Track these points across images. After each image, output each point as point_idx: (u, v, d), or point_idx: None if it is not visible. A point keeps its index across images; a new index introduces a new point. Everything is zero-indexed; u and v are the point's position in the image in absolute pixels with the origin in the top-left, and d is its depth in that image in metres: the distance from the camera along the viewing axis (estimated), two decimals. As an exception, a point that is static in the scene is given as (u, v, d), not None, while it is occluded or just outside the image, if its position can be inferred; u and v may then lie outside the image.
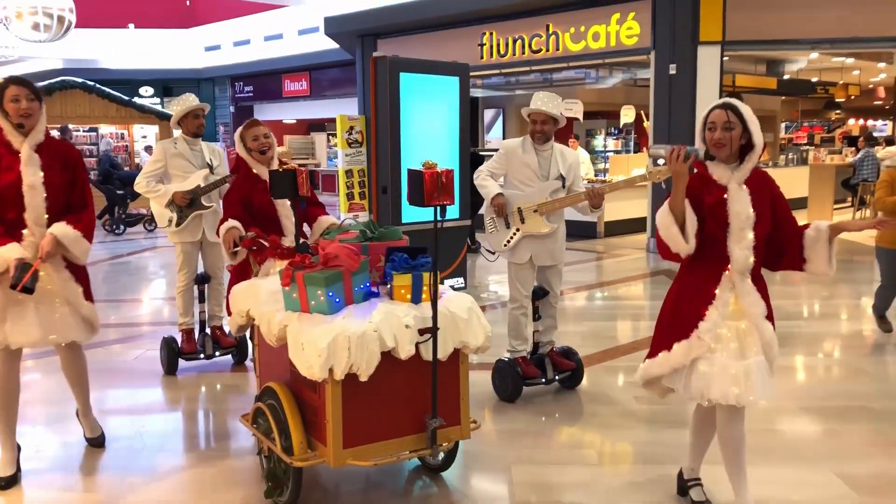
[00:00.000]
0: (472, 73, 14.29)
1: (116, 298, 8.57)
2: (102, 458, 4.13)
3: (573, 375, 5.12)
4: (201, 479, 3.88)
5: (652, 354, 3.29)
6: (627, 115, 14.93)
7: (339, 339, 3.07)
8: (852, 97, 20.53)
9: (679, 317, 3.20)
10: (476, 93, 16.92)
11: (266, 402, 3.53)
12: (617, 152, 16.39)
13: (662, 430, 4.44)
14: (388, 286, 3.45)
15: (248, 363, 5.70)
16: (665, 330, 3.27)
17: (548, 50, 12.56)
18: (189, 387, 5.37)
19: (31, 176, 3.65)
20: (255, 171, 4.73)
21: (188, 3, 24.21)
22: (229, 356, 5.79)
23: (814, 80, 19.12)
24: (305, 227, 4.72)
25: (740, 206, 3.10)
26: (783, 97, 20.41)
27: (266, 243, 4.14)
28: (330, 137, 22.35)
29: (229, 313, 4.46)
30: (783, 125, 22.34)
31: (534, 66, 13.07)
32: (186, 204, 5.41)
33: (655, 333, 3.35)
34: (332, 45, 16.99)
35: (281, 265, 3.96)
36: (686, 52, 10.82)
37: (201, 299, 5.66)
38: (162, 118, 16.11)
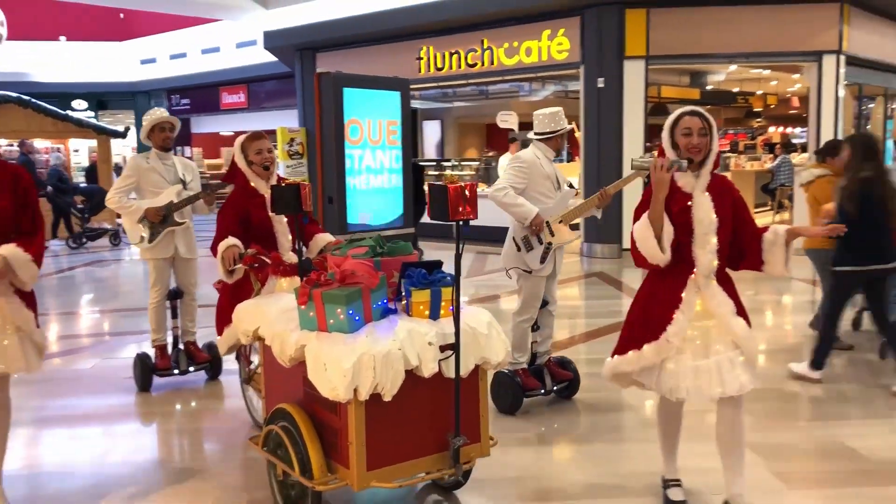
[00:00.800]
0: (410, 87, 14.72)
1: (64, 311, 8.66)
2: (77, 472, 4.14)
3: (570, 385, 5.15)
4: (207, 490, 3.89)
5: (621, 351, 3.42)
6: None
7: (363, 359, 2.99)
8: (771, 106, 21.65)
9: (649, 319, 3.32)
10: (415, 104, 17.34)
11: (279, 425, 3.41)
12: (571, 160, 16.97)
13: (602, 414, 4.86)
14: (405, 302, 3.36)
15: (222, 378, 5.76)
16: (635, 330, 3.38)
17: (483, 64, 13.05)
18: (163, 403, 5.36)
19: None
20: (252, 184, 4.52)
21: (122, 16, 23.98)
22: (203, 372, 5.75)
23: (735, 90, 20.14)
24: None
25: (703, 213, 3.24)
26: (707, 107, 21.40)
27: (268, 260, 4.08)
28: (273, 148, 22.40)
29: (219, 332, 4.49)
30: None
31: (470, 79, 13.56)
32: (159, 220, 5.36)
33: (624, 332, 3.47)
34: (270, 57, 17.18)
35: (283, 283, 4.00)
36: (613, 67, 11.44)
37: (174, 315, 5.62)
38: (100, 132, 16.01)
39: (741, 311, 3.30)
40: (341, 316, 3.13)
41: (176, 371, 5.58)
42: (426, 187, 3.28)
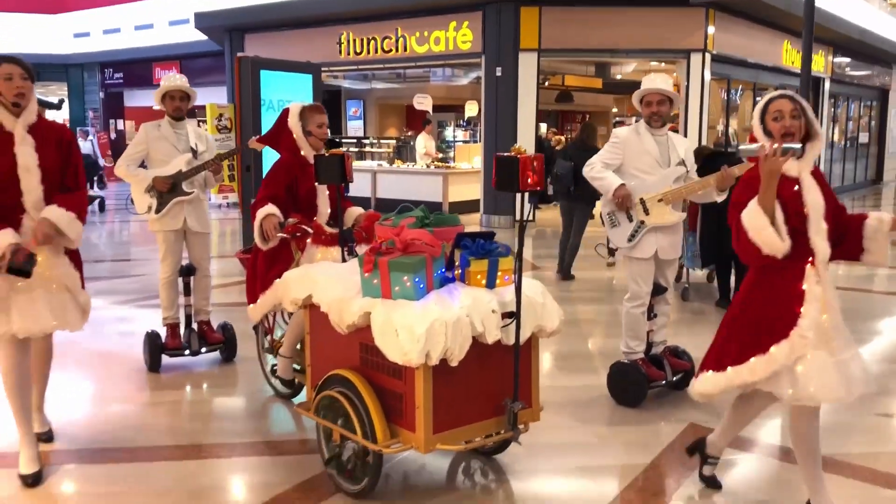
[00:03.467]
0: (332, 69, 15.94)
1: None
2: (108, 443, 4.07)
3: (686, 376, 4.72)
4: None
5: (736, 361, 3.10)
6: (471, 109, 16.92)
7: (436, 325, 3.02)
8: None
9: (768, 319, 3.05)
10: (341, 84, 18.55)
11: (336, 391, 3.42)
12: (465, 142, 18.39)
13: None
14: (460, 271, 3.38)
15: (236, 361, 5.54)
16: (752, 334, 3.08)
17: (397, 50, 14.34)
18: (172, 385, 5.12)
19: (26, 157, 3.48)
20: (303, 152, 4.41)
21: (55, -12, 24.37)
22: (217, 353, 5.54)
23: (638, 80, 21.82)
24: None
25: (814, 195, 3.03)
26: (615, 96, 23.10)
27: (310, 230, 4.13)
28: (200, 123, 23.22)
29: (251, 300, 4.41)
30: (614, 120, 25.05)
31: (386, 64, 14.85)
32: (167, 189, 5.16)
33: (733, 341, 3.15)
34: (202, 36, 18.08)
35: (322, 251, 4.12)
36: (509, 57, 12.87)
37: (186, 292, 5.36)
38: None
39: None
40: (408, 284, 3.17)
41: (187, 352, 5.36)
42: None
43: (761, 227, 2.94)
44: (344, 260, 4.03)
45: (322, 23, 15.03)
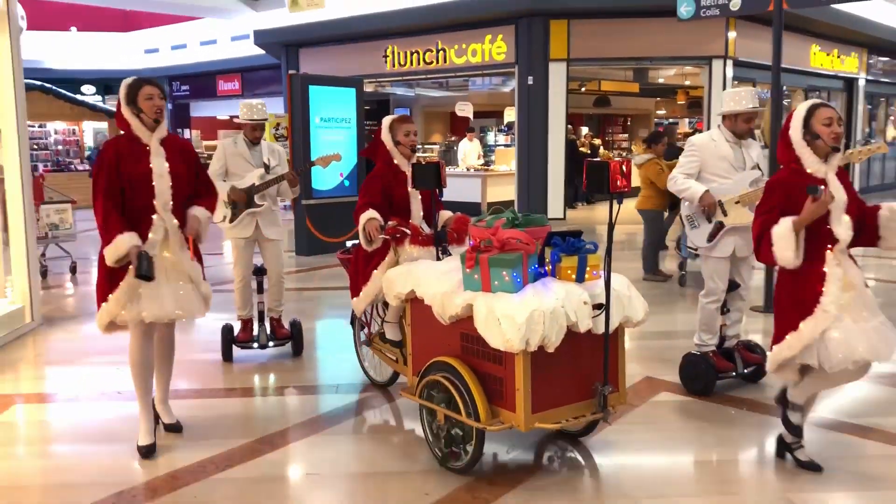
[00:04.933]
0: (379, 80, 17.10)
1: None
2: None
3: (758, 369, 5.05)
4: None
5: (778, 340, 3.50)
6: (510, 115, 17.91)
7: (535, 315, 3.30)
8: (691, 98, 23.62)
9: (797, 300, 3.44)
10: (395, 91, 19.78)
11: (440, 375, 3.72)
12: (507, 146, 19.37)
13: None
14: (552, 266, 3.63)
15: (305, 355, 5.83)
16: (786, 314, 3.49)
17: (438, 62, 15.45)
18: (246, 373, 5.49)
19: (160, 166, 3.92)
20: (395, 161, 4.69)
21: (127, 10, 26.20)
22: (288, 347, 5.84)
23: (686, 83, 22.27)
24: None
25: (838, 193, 3.42)
26: (656, 99, 23.77)
27: (408, 231, 4.44)
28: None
29: (354, 294, 4.75)
30: (656, 121, 25.62)
31: (428, 74, 15.98)
32: (241, 201, 5.54)
33: (776, 321, 3.57)
34: (261, 50, 19.49)
35: (418, 250, 4.44)
36: (540, 67, 13.85)
37: (259, 290, 5.70)
38: (110, 116, 18.36)
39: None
40: (506, 278, 3.46)
41: (255, 345, 5.70)
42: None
43: (786, 247, 3.35)
44: (438, 258, 4.32)
45: (369, 38, 16.23)
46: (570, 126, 17.66)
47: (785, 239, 3.34)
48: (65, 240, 9.44)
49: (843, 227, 3.40)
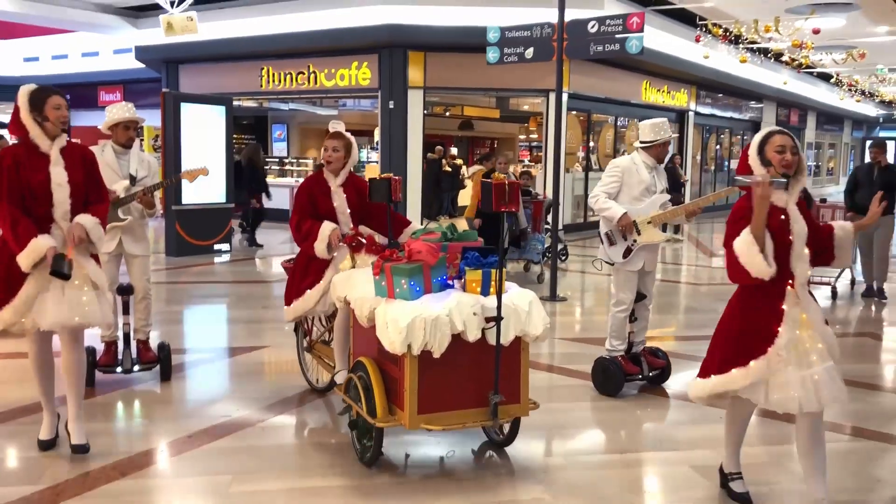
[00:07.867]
0: (255, 97, 18.24)
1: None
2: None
3: (663, 373, 5.53)
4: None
5: (720, 370, 3.39)
6: (378, 135, 19.46)
7: (416, 321, 3.48)
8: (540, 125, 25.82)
9: (750, 334, 3.33)
10: (273, 105, 20.95)
11: (357, 374, 3.97)
12: (376, 162, 20.84)
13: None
14: (462, 280, 3.80)
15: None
16: (734, 347, 3.37)
17: (309, 84, 16.79)
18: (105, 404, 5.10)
19: (59, 175, 3.88)
20: (325, 175, 4.84)
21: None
22: (148, 372, 5.51)
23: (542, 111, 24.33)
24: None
25: (799, 226, 3.33)
26: (519, 124, 25.89)
27: (363, 240, 4.58)
28: (141, 143, 25.07)
29: (286, 304, 4.94)
30: (519, 144, 27.75)
31: (301, 94, 17.30)
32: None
33: (717, 351, 3.46)
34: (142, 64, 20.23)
35: (372, 259, 4.45)
36: (400, 93, 15.44)
37: (125, 311, 5.33)
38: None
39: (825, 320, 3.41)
40: (405, 286, 3.64)
41: (119, 369, 5.39)
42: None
43: (751, 254, 3.20)
44: None
45: (245, 58, 17.34)
46: (440, 147, 19.50)
47: (747, 244, 3.23)
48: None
49: (802, 261, 3.34)
